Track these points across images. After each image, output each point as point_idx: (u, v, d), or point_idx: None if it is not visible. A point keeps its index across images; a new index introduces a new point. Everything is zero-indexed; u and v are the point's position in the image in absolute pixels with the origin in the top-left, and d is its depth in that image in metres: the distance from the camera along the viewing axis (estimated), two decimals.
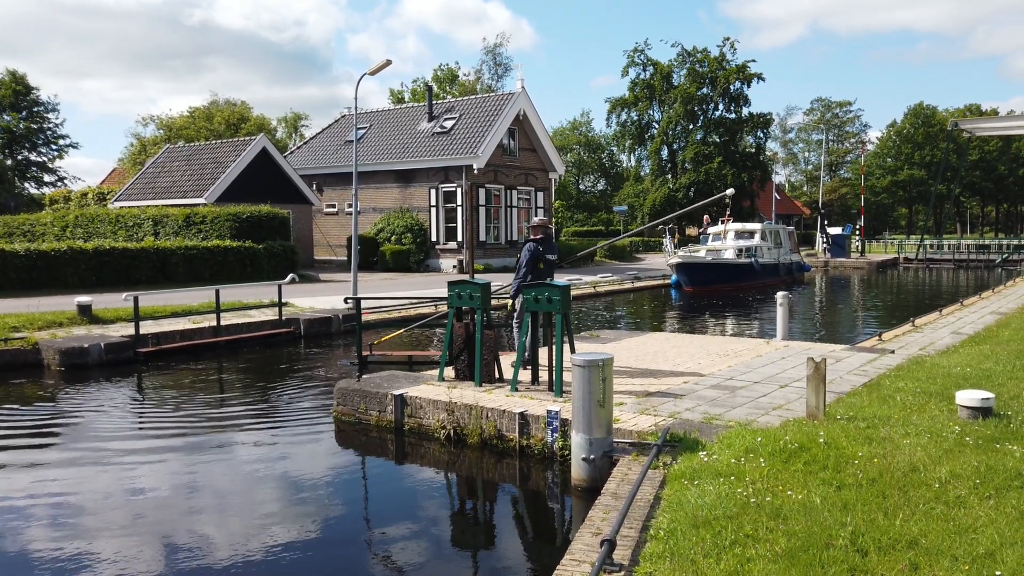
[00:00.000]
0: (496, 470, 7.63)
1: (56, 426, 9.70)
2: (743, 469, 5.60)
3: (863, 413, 7.17)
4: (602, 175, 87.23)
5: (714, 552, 4.29)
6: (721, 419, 7.42)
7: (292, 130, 74.53)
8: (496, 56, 72.05)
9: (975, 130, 54.89)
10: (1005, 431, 6.38)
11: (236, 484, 7.39)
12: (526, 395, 8.53)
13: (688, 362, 10.75)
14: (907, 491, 5.09)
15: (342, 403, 9.35)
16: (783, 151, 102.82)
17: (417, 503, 7.02)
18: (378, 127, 39.13)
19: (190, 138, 55.60)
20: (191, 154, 36.26)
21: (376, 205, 36.46)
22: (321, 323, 16.80)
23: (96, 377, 12.43)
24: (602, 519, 5.16)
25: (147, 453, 8.42)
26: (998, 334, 12.81)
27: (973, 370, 9.18)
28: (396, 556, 5.77)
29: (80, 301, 15.63)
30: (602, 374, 6.48)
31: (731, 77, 56.39)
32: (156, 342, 14.21)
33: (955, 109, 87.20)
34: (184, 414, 10.17)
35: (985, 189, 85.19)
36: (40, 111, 57.92)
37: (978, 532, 4.44)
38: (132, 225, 29.52)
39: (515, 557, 5.85)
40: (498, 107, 35.32)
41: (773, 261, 33.13)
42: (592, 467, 6.57)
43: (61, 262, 22.77)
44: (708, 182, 56.33)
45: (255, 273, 26.15)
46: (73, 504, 6.84)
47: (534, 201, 37.70)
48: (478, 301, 9.06)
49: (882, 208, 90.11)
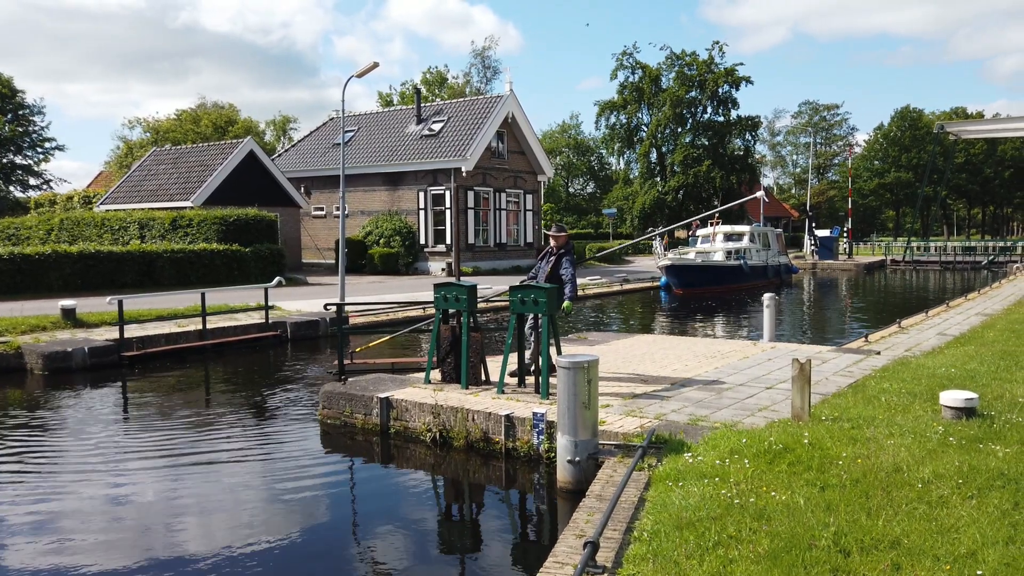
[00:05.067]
0: (482, 472, 7.60)
1: (37, 430, 9.59)
2: (728, 470, 5.60)
3: (848, 414, 7.18)
4: (591, 178, 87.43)
5: (697, 553, 4.28)
6: (707, 420, 7.42)
7: (281, 133, 74.29)
8: (485, 59, 72.11)
9: (961, 133, 55.24)
10: (988, 431, 6.40)
11: (220, 488, 7.32)
12: (512, 397, 8.50)
13: (675, 364, 10.75)
14: (890, 491, 5.10)
15: (327, 406, 9.30)
16: (771, 154, 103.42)
17: (402, 506, 6.98)
18: (366, 130, 39.05)
19: (177, 141, 55.31)
20: (178, 157, 36.06)
21: (364, 208, 36.38)
22: (308, 326, 16.72)
23: (80, 381, 12.32)
24: (586, 521, 5.14)
25: (129, 458, 8.33)
26: (983, 335, 12.88)
27: (958, 371, 9.22)
28: (381, 559, 5.73)
29: (64, 305, 15.50)
30: (587, 376, 6.46)
31: (719, 80, 56.63)
32: (141, 346, 14.09)
33: (941, 112, 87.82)
34: (168, 418, 10.08)
35: (971, 191, 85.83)
36: (26, 114, 57.48)
37: (960, 532, 4.45)
38: (118, 228, 29.32)
39: (499, 559, 5.81)
40: (487, 110, 35.31)
41: (762, 263, 33.26)
42: (577, 469, 6.54)
43: (45, 266, 22.57)
44: (697, 185, 56.55)
45: (242, 276, 25.99)
46: (53, 510, 6.75)
47: (523, 204, 37.71)
48: (464, 303, 9.03)
49: (869, 210, 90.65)
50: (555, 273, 9.43)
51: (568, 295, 9.27)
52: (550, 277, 9.44)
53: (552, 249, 9.59)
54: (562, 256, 9.47)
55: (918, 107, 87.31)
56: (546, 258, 9.62)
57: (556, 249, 9.53)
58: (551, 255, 9.56)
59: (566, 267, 9.39)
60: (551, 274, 9.45)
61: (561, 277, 9.38)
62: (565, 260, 9.43)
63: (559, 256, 9.48)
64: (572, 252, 9.60)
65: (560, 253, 9.50)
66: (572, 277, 9.36)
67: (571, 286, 9.29)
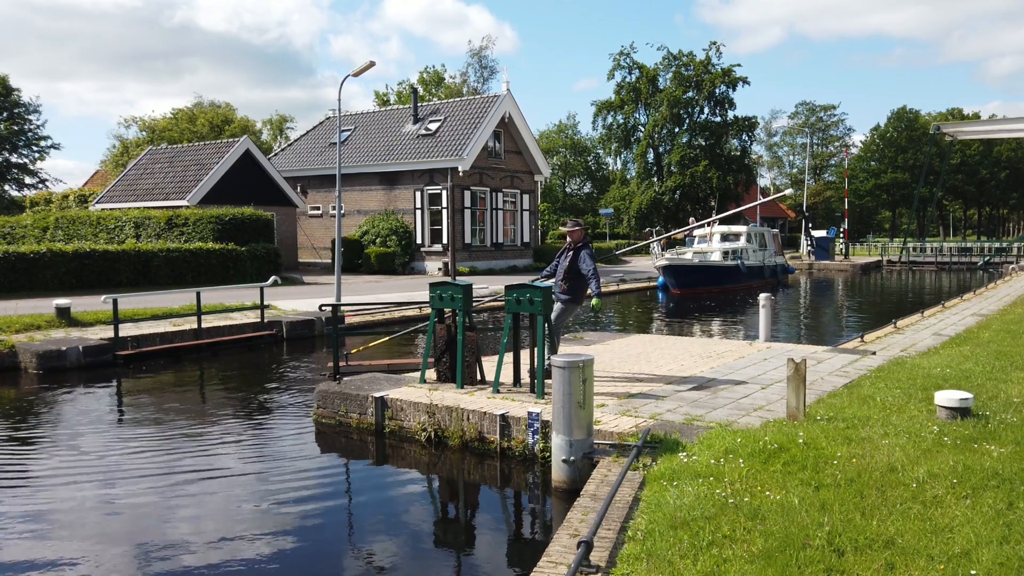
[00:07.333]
0: (477, 472, 7.58)
1: (30, 430, 9.55)
2: (722, 470, 5.59)
3: (843, 414, 7.18)
4: (588, 178, 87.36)
5: (691, 553, 4.27)
6: (702, 420, 7.41)
7: (277, 132, 74.12)
8: (482, 59, 72.05)
9: (957, 134, 55.33)
10: (983, 431, 6.40)
11: (214, 488, 7.29)
12: (507, 397, 8.49)
13: (671, 364, 10.75)
14: (885, 491, 5.09)
15: (322, 406, 9.27)
16: (768, 154, 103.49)
17: (397, 505, 6.96)
18: (363, 129, 39.00)
19: (173, 140, 55.18)
20: (174, 156, 35.98)
21: (361, 207, 36.34)
22: (304, 325, 16.69)
23: (74, 381, 12.28)
24: (580, 520, 5.12)
25: (122, 458, 8.30)
26: (979, 335, 12.90)
27: (953, 371, 9.22)
28: (376, 558, 5.71)
29: (59, 303, 15.45)
30: (582, 375, 6.45)
31: (716, 81, 56.64)
32: (136, 345, 14.05)
33: (937, 113, 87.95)
34: (162, 417, 10.05)
35: (967, 192, 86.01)
36: (21, 112, 57.28)
37: (954, 531, 4.44)
38: (113, 227, 29.26)
39: (494, 559, 5.80)
40: (483, 109, 35.29)
41: (758, 263, 33.30)
42: (572, 469, 6.53)
43: (40, 264, 22.51)
44: (694, 185, 56.57)
45: (238, 276, 25.95)
46: (45, 509, 6.72)
47: (520, 204, 37.70)
48: (459, 303, 9.01)
49: (866, 211, 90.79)
50: (573, 268, 9.11)
51: (593, 291, 8.99)
52: (568, 272, 9.14)
53: (569, 244, 9.27)
54: (580, 250, 9.11)
55: (914, 108, 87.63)
56: (564, 254, 9.31)
57: (573, 244, 9.19)
58: (568, 250, 9.24)
59: (586, 262, 9.03)
60: (569, 269, 9.13)
61: (582, 273, 9.07)
62: (584, 254, 9.06)
63: (576, 251, 9.13)
64: (590, 246, 9.24)
65: (578, 247, 9.15)
66: (594, 272, 8.99)
67: (595, 282, 8.96)
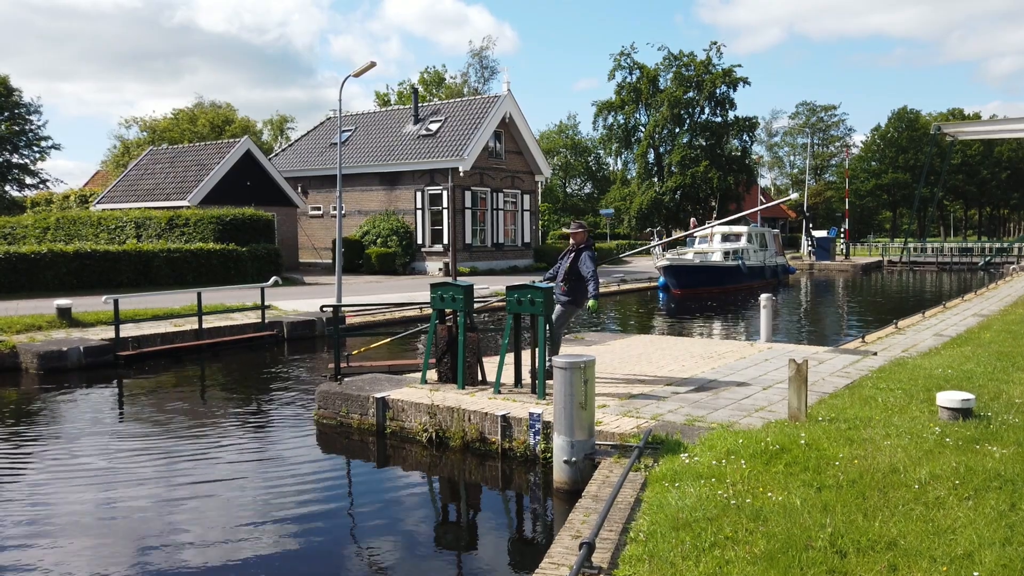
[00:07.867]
0: (478, 473, 7.58)
1: (31, 429, 9.55)
2: (724, 471, 5.58)
3: (845, 414, 7.17)
4: (589, 178, 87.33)
5: (693, 554, 4.26)
6: (703, 421, 7.41)
7: (278, 132, 74.14)
8: (482, 59, 72.03)
9: (958, 134, 55.28)
10: (985, 432, 6.39)
11: (216, 488, 7.29)
12: (509, 397, 8.48)
13: (672, 364, 10.74)
14: (887, 492, 5.08)
15: (323, 406, 9.27)
16: (768, 154, 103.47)
17: (398, 506, 6.95)
18: (363, 129, 39.00)
19: (174, 140, 55.16)
20: (174, 156, 36.00)
21: (361, 208, 36.34)
22: (305, 326, 16.68)
23: (75, 381, 12.27)
24: (582, 522, 5.12)
25: (123, 458, 8.30)
26: (980, 336, 12.88)
27: (954, 371, 9.21)
28: (377, 559, 5.70)
29: (59, 304, 15.45)
30: (584, 376, 6.44)
31: (717, 81, 56.61)
32: (137, 345, 14.05)
33: (938, 113, 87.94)
34: (163, 418, 10.05)
35: (968, 192, 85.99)
36: (22, 112, 57.29)
37: (957, 533, 4.43)
38: (114, 228, 29.26)
39: (495, 560, 5.79)
40: (484, 109, 35.29)
41: (759, 264, 33.28)
42: (574, 469, 6.52)
43: (41, 265, 22.51)
44: (695, 185, 56.52)
45: (239, 276, 25.95)
46: (45, 510, 6.72)
47: (520, 204, 37.69)
48: (460, 303, 9.00)
49: (866, 211, 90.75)
50: (574, 270, 9.17)
51: (592, 293, 9.03)
52: (569, 274, 9.18)
53: (571, 246, 9.34)
54: (581, 251, 9.19)
55: (915, 108, 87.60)
56: (566, 255, 9.36)
57: (575, 245, 9.26)
58: (570, 252, 9.30)
59: (586, 264, 9.09)
60: (570, 270, 9.18)
61: (582, 274, 9.11)
62: (584, 256, 9.13)
63: (578, 252, 9.19)
64: (592, 248, 9.32)
65: (579, 249, 9.21)
66: (593, 274, 9.05)
67: (594, 284, 9.01)
